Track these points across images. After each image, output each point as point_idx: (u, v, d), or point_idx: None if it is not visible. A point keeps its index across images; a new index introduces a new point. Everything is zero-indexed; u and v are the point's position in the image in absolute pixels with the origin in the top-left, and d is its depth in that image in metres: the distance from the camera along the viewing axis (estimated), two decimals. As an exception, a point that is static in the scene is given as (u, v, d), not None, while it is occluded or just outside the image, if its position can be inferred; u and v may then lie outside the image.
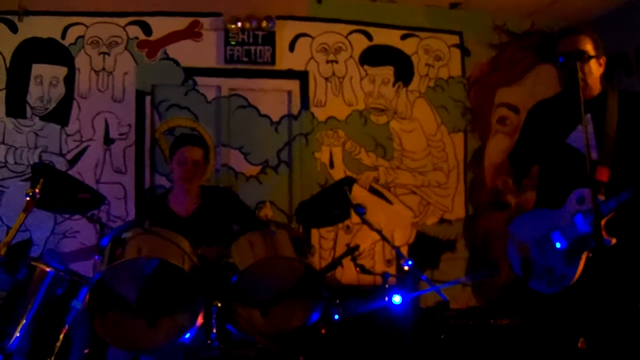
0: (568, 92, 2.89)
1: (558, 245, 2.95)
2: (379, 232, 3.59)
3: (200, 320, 2.92)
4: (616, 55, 5.05)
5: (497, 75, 5.54)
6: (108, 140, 4.76)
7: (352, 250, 3.71)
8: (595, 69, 3.03)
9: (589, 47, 3.00)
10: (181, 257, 2.96)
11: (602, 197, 2.86)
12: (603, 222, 2.80)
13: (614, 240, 2.84)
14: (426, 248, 5.37)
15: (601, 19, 5.31)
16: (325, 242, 5.10)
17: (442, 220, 5.44)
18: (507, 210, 4.20)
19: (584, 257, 2.88)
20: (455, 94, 5.55)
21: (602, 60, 3.07)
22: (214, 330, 2.94)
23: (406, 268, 3.38)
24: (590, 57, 2.98)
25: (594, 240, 2.70)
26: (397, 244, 5.00)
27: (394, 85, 5.38)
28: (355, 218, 3.82)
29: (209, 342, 2.96)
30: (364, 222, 3.61)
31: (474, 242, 5.41)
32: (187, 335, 2.92)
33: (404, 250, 5.27)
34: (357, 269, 3.67)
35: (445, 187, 5.46)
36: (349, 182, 3.69)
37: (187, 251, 3.00)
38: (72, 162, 4.70)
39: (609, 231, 2.83)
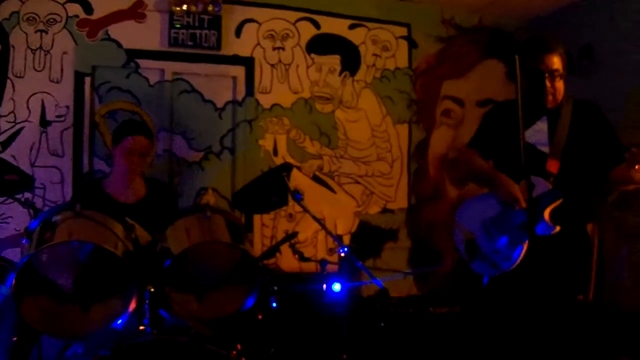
0: (529, 100, 2.92)
1: (504, 228, 3.03)
2: (315, 217, 3.65)
3: (132, 305, 2.85)
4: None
5: (444, 68, 5.58)
6: (44, 122, 4.57)
7: (290, 237, 3.75)
8: (562, 84, 3.09)
9: (560, 66, 3.06)
10: (114, 242, 2.88)
11: (550, 186, 2.93)
12: (549, 210, 2.89)
13: (557, 228, 2.90)
14: (369, 237, 5.38)
15: (547, 18, 5.41)
16: (267, 229, 5.03)
17: (385, 210, 5.45)
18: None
19: (526, 242, 2.91)
20: (401, 85, 5.55)
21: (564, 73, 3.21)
22: (147, 316, 2.87)
23: (342, 255, 3.46)
24: (561, 75, 3.06)
25: (528, 228, 2.76)
26: (339, 232, 5.22)
27: (340, 74, 5.36)
28: (298, 206, 3.80)
29: (141, 327, 2.89)
30: (302, 208, 3.66)
31: (417, 231, 5.45)
32: (119, 322, 2.85)
33: (346, 239, 5.28)
34: (296, 255, 3.78)
35: (388, 177, 5.46)
36: (287, 168, 3.84)
37: (120, 236, 2.94)
38: (5, 145, 4.48)
39: (554, 219, 2.90)
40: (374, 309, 4.21)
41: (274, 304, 3.43)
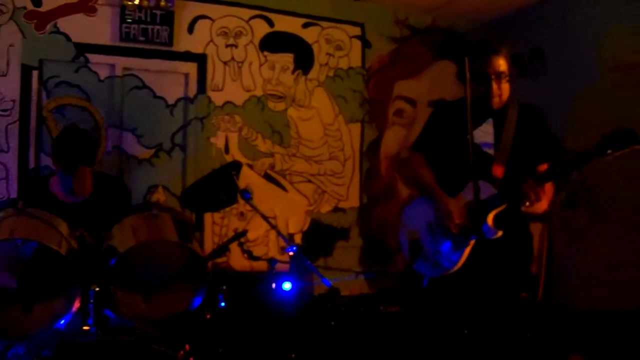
0: (476, 102, 2.95)
1: (448, 230, 3.00)
2: (263, 215, 3.59)
3: (76, 305, 2.81)
4: (511, 56, 4.98)
5: (397, 69, 5.59)
6: (-12, 116, 4.69)
7: (238, 236, 3.69)
8: (507, 86, 3.12)
9: (506, 68, 3.09)
10: (58, 240, 2.82)
11: (495, 190, 2.93)
12: (492, 214, 2.91)
13: (499, 233, 2.92)
14: (320, 236, 5.36)
15: (499, 20, 5.46)
16: (218, 228, 4.97)
17: (336, 209, 5.45)
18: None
19: (470, 244, 2.95)
20: (354, 84, 5.55)
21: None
22: (92, 316, 2.81)
23: (291, 254, 3.42)
24: (507, 77, 3.09)
25: (473, 230, 2.84)
26: (291, 231, 5.19)
27: (293, 72, 5.33)
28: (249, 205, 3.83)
29: (85, 328, 2.83)
30: (251, 206, 3.61)
31: (368, 230, 5.45)
32: (62, 322, 2.81)
33: (298, 238, 5.25)
34: (245, 255, 3.99)
35: (340, 176, 5.47)
36: (236, 166, 3.64)
37: (64, 234, 2.87)
38: (-53, 139, 4.56)
39: (497, 224, 2.92)
40: (324, 308, 4.20)
41: (223, 303, 3.36)
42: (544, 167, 3.01)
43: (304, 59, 5.37)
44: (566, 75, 4.94)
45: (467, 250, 2.97)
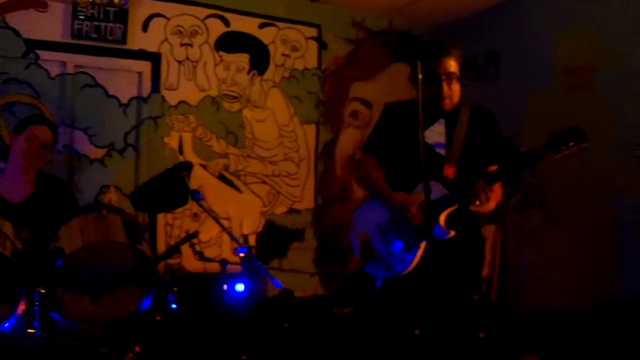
0: (427, 101, 2.92)
1: (400, 231, 3.01)
2: (213, 216, 3.58)
3: (21, 307, 2.75)
4: (467, 59, 5.07)
5: (353, 70, 5.59)
6: None
7: (189, 237, 3.67)
8: (458, 87, 3.14)
9: (456, 69, 3.10)
10: (2, 241, 2.75)
11: (446, 191, 2.95)
12: (444, 214, 2.92)
13: (452, 233, 2.93)
14: (275, 237, 5.32)
15: (455, 24, 5.50)
16: (171, 229, 4.88)
17: (291, 210, 5.41)
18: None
19: (422, 246, 2.94)
20: (309, 85, 5.53)
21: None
22: (37, 319, 2.71)
23: (241, 255, 3.38)
24: (457, 78, 3.10)
25: (424, 231, 2.79)
26: (245, 232, 5.13)
27: (248, 73, 5.27)
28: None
29: (30, 330, 2.74)
30: (201, 207, 3.57)
31: (323, 232, 5.43)
32: (6, 324, 2.75)
33: (252, 239, 5.18)
34: (196, 256, 3.93)
35: (295, 177, 5.44)
36: (186, 167, 3.65)
37: (9, 235, 2.82)
38: None
39: (449, 224, 2.93)
40: (277, 309, 4.17)
41: (174, 305, 3.30)
42: (494, 167, 3.00)
43: (259, 59, 5.33)
44: (520, 79, 4.98)
45: (419, 252, 2.95)
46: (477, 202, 2.87)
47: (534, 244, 4.81)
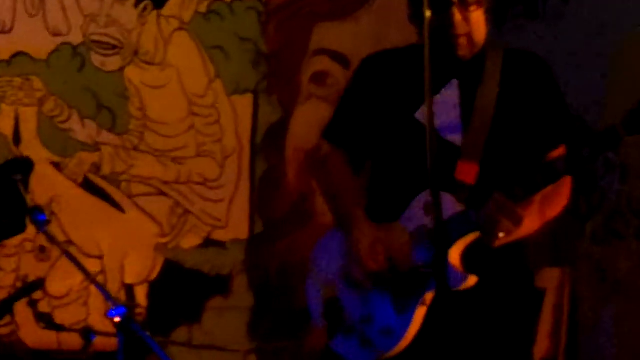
0: (433, 47, 2.63)
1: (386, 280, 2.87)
2: (67, 252, 3.46)
3: None
4: None
5: (317, 2, 5.24)
6: None
7: (29, 289, 3.91)
8: (480, 19, 2.97)
9: None
10: None
11: (462, 207, 2.81)
12: (459, 247, 2.76)
13: (471, 280, 2.74)
14: (180, 288, 4.97)
15: None
16: (4, 275, 4.69)
17: (209, 242, 4.98)
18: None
19: (426, 300, 2.81)
20: (242, 28, 5.07)
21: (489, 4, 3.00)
22: None
23: (116, 320, 3.22)
24: (479, 3, 2.93)
25: (432, 274, 2.63)
26: (130, 280, 4.91)
27: (136, 5, 4.95)
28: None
29: None
30: (47, 237, 3.54)
31: (264, 279, 5.09)
32: None
33: (142, 291, 4.88)
34: (40, 322, 4.01)
35: (216, 184, 5.02)
36: (22, 167, 3.84)
37: None
38: None
39: (467, 264, 2.75)
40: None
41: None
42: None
43: None
44: (603, 16, 4.79)
45: (420, 312, 2.80)
46: (500, 234, 2.70)
47: (626, 300, 4.61)
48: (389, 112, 3.04)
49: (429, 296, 2.80)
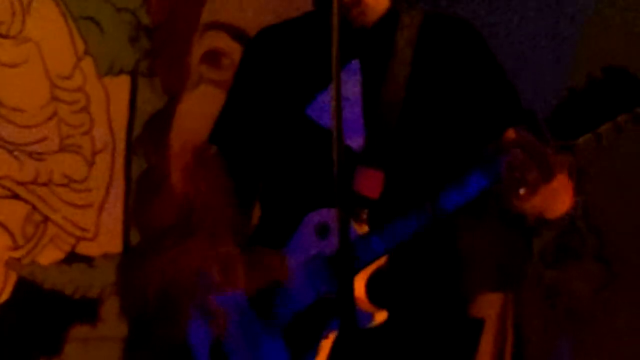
0: (321, 15, 2.67)
1: (275, 318, 2.78)
2: None
3: None
4: None
5: None
6: None
7: None
8: None
9: None
10: None
11: (362, 229, 2.62)
12: (363, 277, 2.61)
13: (379, 316, 2.60)
14: (38, 313, 4.57)
15: None
16: None
17: (73, 257, 4.56)
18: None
19: (325, 344, 2.67)
20: None
21: None
22: None
23: None
24: None
25: (338, 313, 2.25)
26: None
27: None
28: None
29: None
30: None
31: (140, 304, 4.59)
32: None
33: None
34: None
35: (83, 186, 4.62)
36: None
37: None
38: None
39: (373, 296, 2.59)
40: None
41: None
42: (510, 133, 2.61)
43: None
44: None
45: (322, 355, 2.68)
46: (522, 190, 2.41)
47: (582, 329, 4.52)
48: (277, 107, 2.92)
49: (329, 339, 2.68)
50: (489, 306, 4.51)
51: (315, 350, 2.69)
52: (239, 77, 3.10)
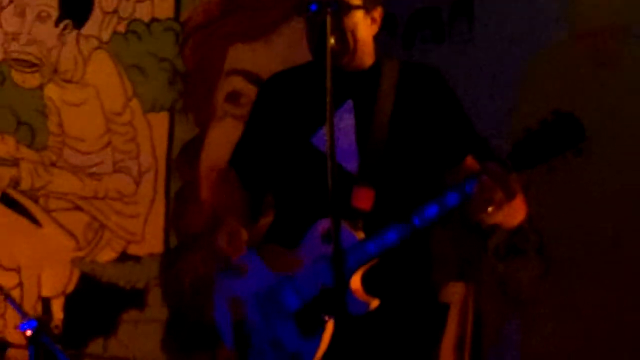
0: (319, 63, 2.75)
1: (288, 305, 2.87)
2: None
3: None
4: (422, 10, 5.12)
5: (232, 23, 5.26)
6: None
7: None
8: (362, 27, 2.93)
9: None
10: None
11: (360, 235, 2.76)
12: (359, 274, 2.72)
13: (373, 303, 2.72)
14: (96, 301, 5.00)
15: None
16: None
17: (124, 257, 5.03)
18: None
19: (329, 326, 2.75)
20: (160, 48, 5.12)
21: (377, 14, 2.98)
22: None
23: (28, 333, 3.34)
24: (353, 8, 2.88)
25: (335, 301, 2.51)
26: (47, 293, 4.92)
27: (57, 24, 4.94)
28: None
29: None
30: None
31: (178, 294, 5.12)
32: None
33: (58, 304, 4.91)
34: None
35: (132, 200, 5.06)
36: None
37: None
38: None
39: (368, 288, 2.71)
40: None
41: None
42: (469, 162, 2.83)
43: (75, 1, 5.03)
44: (509, 39, 4.85)
45: (327, 335, 2.75)
46: (490, 208, 2.53)
47: (527, 313, 4.66)
48: (286, 137, 3.04)
49: (329, 323, 2.82)
50: (454, 293, 4.52)
51: (321, 330, 2.83)
52: (254, 113, 3.24)
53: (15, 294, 4.72)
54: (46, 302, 4.91)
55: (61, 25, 4.97)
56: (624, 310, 4.37)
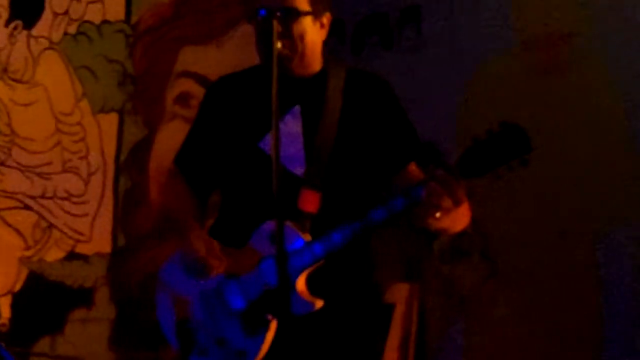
0: (267, 68, 2.70)
1: (233, 304, 2.82)
2: None
3: None
4: (370, 16, 5.06)
5: (183, 26, 5.25)
6: None
7: None
8: (311, 33, 2.88)
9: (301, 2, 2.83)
10: None
11: (306, 237, 2.75)
12: (304, 275, 2.72)
13: (318, 304, 2.71)
14: (44, 300, 5.04)
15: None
16: None
17: (72, 256, 5.05)
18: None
19: (272, 325, 2.72)
20: (110, 49, 5.15)
21: (326, 19, 2.94)
22: None
23: None
24: (302, 13, 2.84)
25: (280, 303, 2.53)
26: None
27: (7, 24, 5.08)
28: None
29: None
30: None
31: (126, 293, 5.07)
32: None
33: (6, 302, 4.96)
34: None
35: (81, 200, 5.08)
36: None
37: None
38: None
39: (313, 289, 2.70)
40: None
41: None
42: (412, 168, 2.82)
43: (25, 2, 5.13)
44: (458, 46, 4.82)
45: (270, 334, 2.72)
46: (437, 213, 2.52)
47: (472, 315, 4.64)
48: (233, 140, 2.99)
49: (275, 321, 2.78)
50: (399, 294, 4.52)
51: (265, 329, 2.78)
52: (200, 114, 3.19)
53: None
54: (-10, 301, 4.53)
55: (11, 26, 5.07)
56: (567, 312, 4.35)
